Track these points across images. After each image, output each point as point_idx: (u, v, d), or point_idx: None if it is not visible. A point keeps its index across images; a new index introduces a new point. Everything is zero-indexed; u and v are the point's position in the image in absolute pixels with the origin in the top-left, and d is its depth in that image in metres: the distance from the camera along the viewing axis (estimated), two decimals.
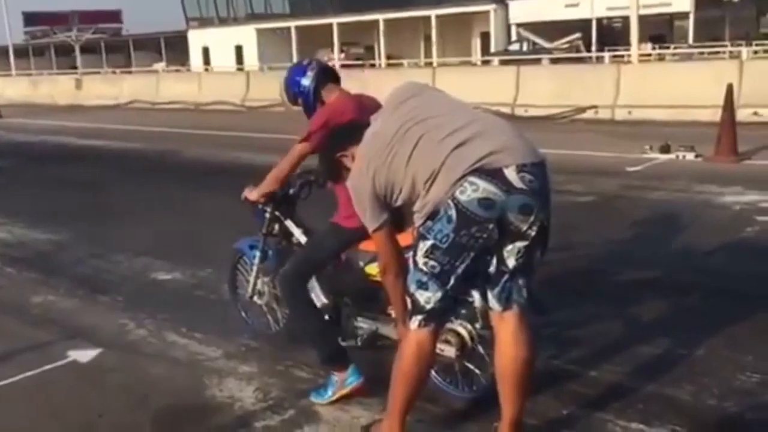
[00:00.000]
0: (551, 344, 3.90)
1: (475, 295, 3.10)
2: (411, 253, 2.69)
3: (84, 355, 4.07)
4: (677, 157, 9.73)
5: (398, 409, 2.79)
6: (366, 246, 3.47)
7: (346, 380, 3.39)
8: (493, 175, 2.44)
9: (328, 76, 3.66)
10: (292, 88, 3.69)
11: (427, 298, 2.63)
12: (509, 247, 2.59)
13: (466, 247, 2.52)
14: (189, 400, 3.52)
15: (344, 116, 3.37)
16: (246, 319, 4.27)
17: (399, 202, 2.67)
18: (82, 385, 3.73)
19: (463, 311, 3.19)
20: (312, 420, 3.27)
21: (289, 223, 3.89)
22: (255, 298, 4.11)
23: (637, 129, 12.67)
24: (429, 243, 2.55)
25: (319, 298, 3.70)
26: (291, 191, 3.88)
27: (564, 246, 5.82)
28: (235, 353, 4.03)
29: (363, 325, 3.59)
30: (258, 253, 3.98)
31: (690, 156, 9.65)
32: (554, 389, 3.44)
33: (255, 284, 4.08)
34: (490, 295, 2.72)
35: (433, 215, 2.54)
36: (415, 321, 2.69)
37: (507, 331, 2.73)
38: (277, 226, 3.94)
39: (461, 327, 3.22)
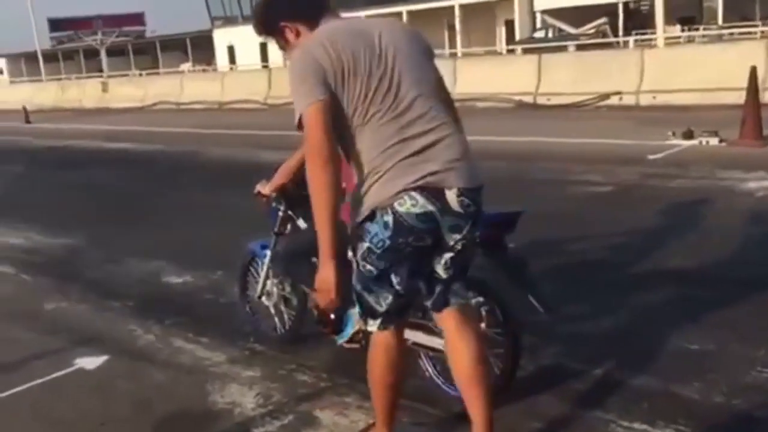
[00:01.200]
0: (557, 340, 3.84)
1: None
2: (350, 249, 2.61)
3: (91, 362, 4.10)
4: (700, 142, 9.52)
5: (383, 415, 2.76)
6: None
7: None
8: (434, 195, 2.42)
9: None
10: None
11: (376, 299, 2.58)
12: (437, 258, 2.57)
13: (403, 252, 2.48)
14: (191, 407, 3.52)
15: None
16: (253, 321, 4.27)
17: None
18: (87, 394, 3.75)
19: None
20: (311, 425, 3.24)
21: (301, 223, 3.88)
22: (263, 298, 4.12)
23: (661, 114, 12.43)
24: (365, 246, 2.50)
25: None
26: (305, 192, 3.86)
27: (577, 238, 5.75)
28: (240, 357, 4.02)
29: None
30: (269, 253, 3.98)
31: (713, 141, 9.42)
32: (557, 387, 3.38)
33: (264, 284, 4.09)
34: (427, 300, 2.69)
35: (370, 217, 2.48)
36: (373, 324, 2.64)
37: (450, 329, 2.69)
38: (289, 226, 3.94)
39: None
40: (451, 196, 2.44)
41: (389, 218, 2.43)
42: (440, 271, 2.59)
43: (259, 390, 3.61)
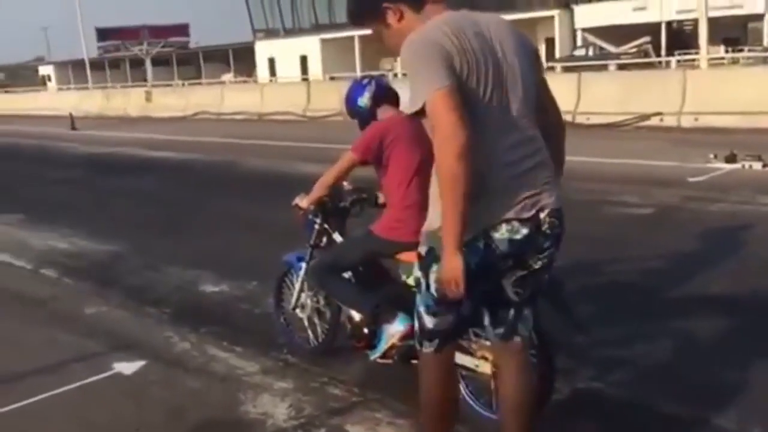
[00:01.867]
0: (592, 365, 3.80)
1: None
2: (417, 269, 2.50)
3: (128, 367, 4.17)
4: (743, 166, 9.35)
5: None
6: (408, 257, 3.47)
7: (396, 327, 3.46)
8: (530, 217, 2.35)
9: (385, 96, 3.74)
10: (350, 106, 3.83)
11: (437, 322, 2.50)
12: (509, 276, 2.47)
13: (481, 277, 2.36)
14: (223, 416, 3.56)
15: (392, 134, 3.53)
16: (287, 333, 4.31)
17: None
18: (123, 398, 3.81)
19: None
20: None
21: (336, 236, 3.93)
22: (297, 310, 4.17)
23: (703, 137, 12.24)
24: None
25: None
26: (341, 204, 3.93)
27: (615, 260, 5.69)
28: (273, 368, 4.06)
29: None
30: (304, 266, 4.02)
31: (757, 165, 9.25)
32: (592, 412, 3.35)
33: (299, 297, 4.13)
34: (493, 325, 2.62)
35: None
36: (428, 347, 2.56)
37: (511, 361, 2.63)
38: (325, 239, 3.99)
39: None
40: (544, 217, 2.38)
41: (480, 243, 2.31)
42: (510, 292, 2.49)
43: (291, 402, 3.64)
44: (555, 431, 3.17)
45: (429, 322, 2.51)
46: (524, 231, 2.34)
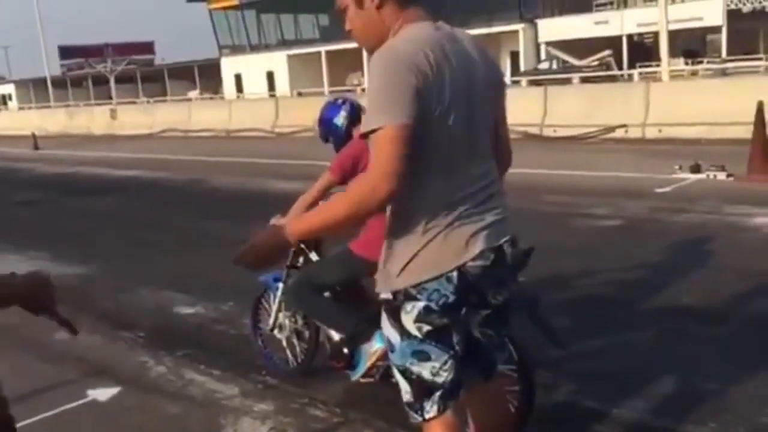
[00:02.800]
0: (570, 378, 3.83)
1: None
2: (385, 322, 2.21)
3: (103, 393, 4.11)
4: (708, 176, 9.55)
5: None
6: None
7: (373, 346, 3.46)
8: (497, 247, 2.17)
9: (358, 116, 3.78)
10: (325, 127, 3.87)
11: (433, 368, 2.14)
12: (475, 318, 2.23)
13: (461, 309, 2.15)
14: None
15: (368, 153, 3.43)
16: (265, 354, 4.27)
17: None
18: (101, 426, 3.76)
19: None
20: None
21: (313, 256, 3.92)
22: (275, 331, 4.14)
23: (668, 148, 12.49)
24: (421, 305, 2.10)
25: None
26: None
27: (586, 273, 5.76)
28: (252, 391, 4.03)
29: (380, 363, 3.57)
30: (281, 286, 4.00)
31: (721, 176, 9.46)
32: (572, 426, 3.38)
33: (276, 317, 4.10)
34: (472, 368, 2.28)
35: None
36: (431, 408, 2.17)
37: (486, 391, 2.44)
38: (301, 259, 3.98)
39: None
40: (507, 248, 2.20)
41: (453, 273, 2.10)
42: (477, 332, 2.25)
43: (273, 424, 3.61)
44: None
45: (423, 370, 2.16)
46: (492, 257, 2.15)
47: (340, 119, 3.78)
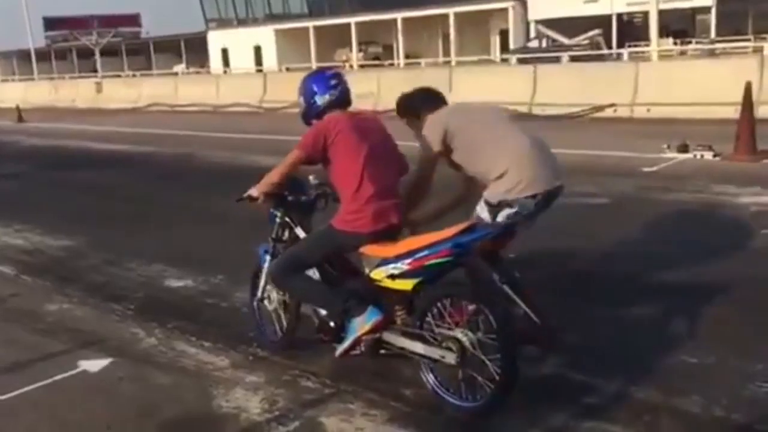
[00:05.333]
0: (559, 352, 3.88)
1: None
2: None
3: (94, 364, 4.11)
4: (695, 156, 9.62)
5: None
6: (371, 251, 3.50)
7: (365, 319, 3.45)
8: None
9: (342, 104, 3.75)
10: (305, 96, 3.79)
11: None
12: None
13: None
14: (196, 411, 3.54)
15: (335, 131, 3.56)
16: (260, 325, 4.28)
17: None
18: (92, 396, 3.76)
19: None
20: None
21: (298, 230, 3.93)
22: (266, 302, 4.16)
23: (656, 127, 12.53)
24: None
25: None
26: (304, 198, 3.93)
27: (576, 249, 5.81)
28: (243, 362, 4.05)
29: None
30: (269, 258, 4.01)
31: (708, 155, 9.52)
32: (560, 398, 3.42)
33: (264, 288, 4.12)
34: None
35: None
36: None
37: None
38: (287, 233, 3.98)
39: (462, 334, 3.22)
40: None
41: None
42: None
43: (264, 395, 3.63)
44: (523, 417, 3.25)
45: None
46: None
47: (324, 99, 3.71)
